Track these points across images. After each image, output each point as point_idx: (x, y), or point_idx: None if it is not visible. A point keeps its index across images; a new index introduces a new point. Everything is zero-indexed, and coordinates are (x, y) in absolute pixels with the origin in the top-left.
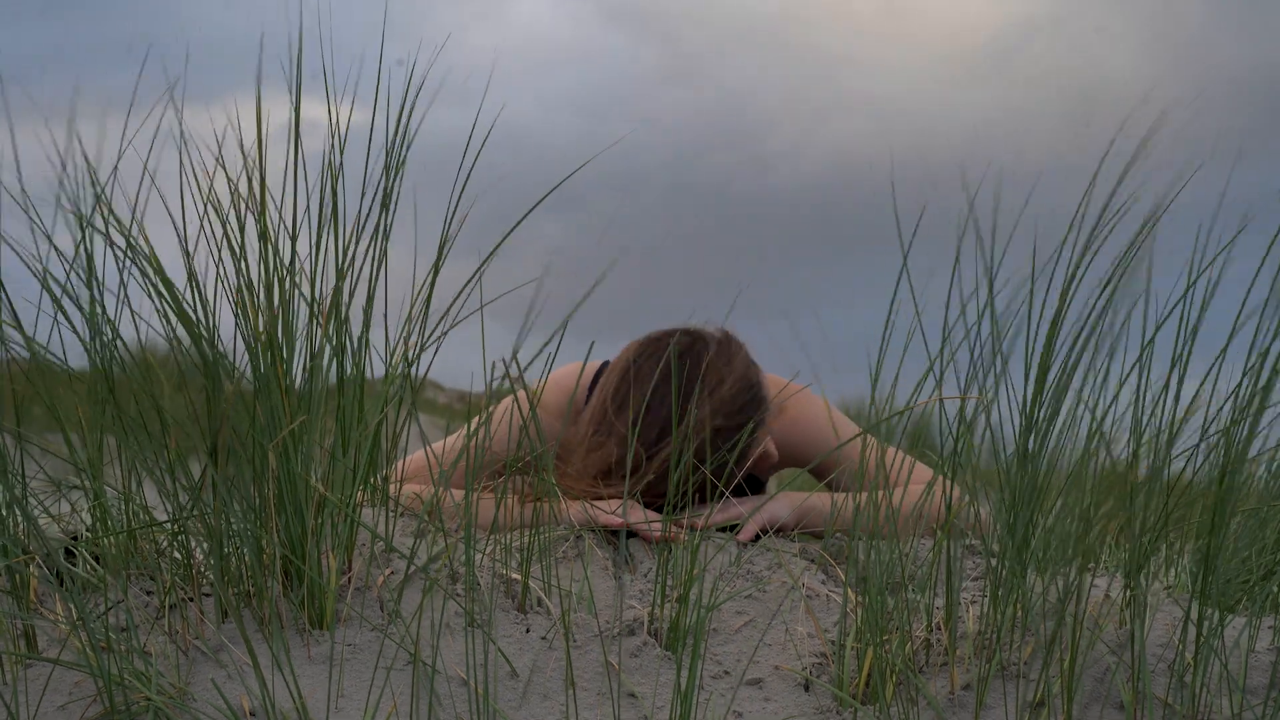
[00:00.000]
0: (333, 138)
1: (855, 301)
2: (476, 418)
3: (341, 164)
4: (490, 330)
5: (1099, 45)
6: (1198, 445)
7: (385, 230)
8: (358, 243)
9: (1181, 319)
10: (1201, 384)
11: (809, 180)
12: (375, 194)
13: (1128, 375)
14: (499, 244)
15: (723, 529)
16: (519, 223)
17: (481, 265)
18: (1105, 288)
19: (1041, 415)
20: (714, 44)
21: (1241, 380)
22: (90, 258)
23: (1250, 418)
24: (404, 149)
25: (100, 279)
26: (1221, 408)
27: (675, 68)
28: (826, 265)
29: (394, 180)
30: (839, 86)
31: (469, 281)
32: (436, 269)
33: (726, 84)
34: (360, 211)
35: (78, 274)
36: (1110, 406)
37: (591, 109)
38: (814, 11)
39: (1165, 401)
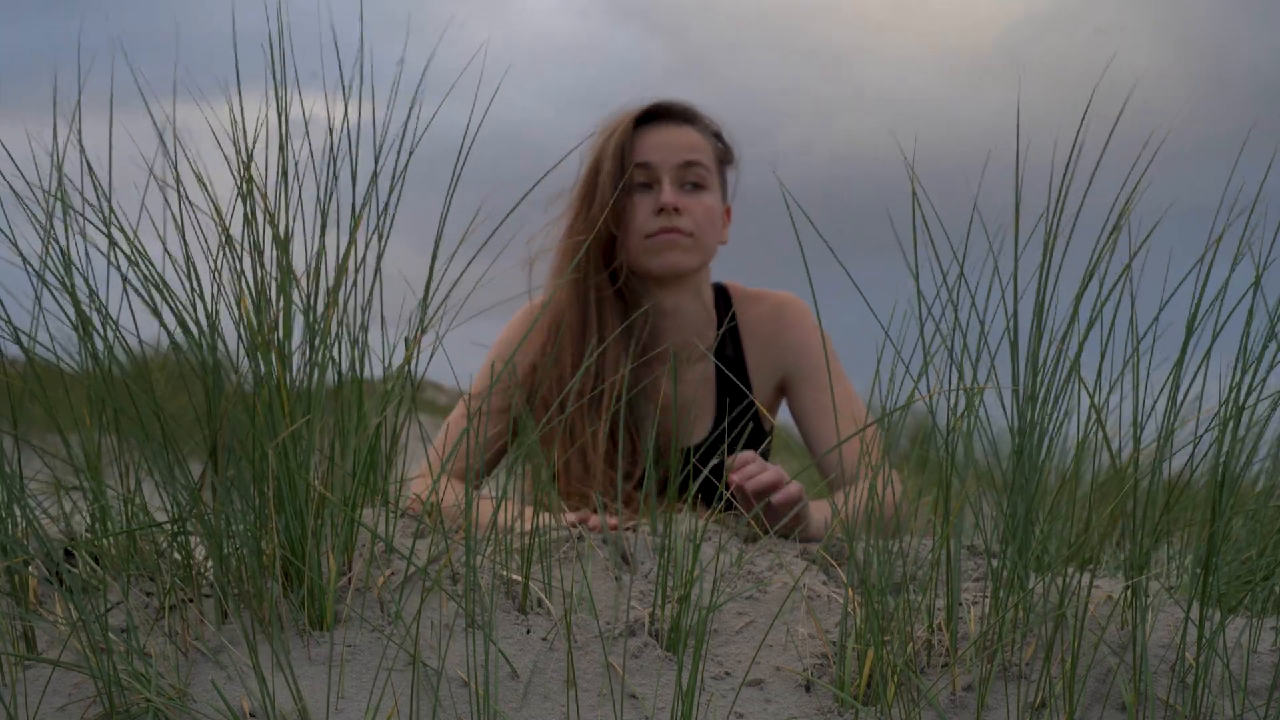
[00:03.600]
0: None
1: (868, 299)
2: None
3: (335, 162)
4: (495, 328)
5: (1114, 41)
6: (1195, 441)
7: (382, 229)
8: (358, 243)
9: (1194, 317)
10: (1194, 380)
11: (819, 177)
12: (370, 192)
13: (1123, 371)
14: (486, 240)
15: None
16: (506, 217)
17: (468, 264)
18: (1087, 279)
19: (1037, 413)
20: (722, 38)
21: (1238, 376)
22: (66, 254)
23: (1246, 414)
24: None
25: (89, 279)
26: (1222, 406)
27: (683, 63)
28: (836, 262)
29: (389, 177)
30: (849, 82)
31: (456, 280)
32: (431, 268)
33: (735, 79)
34: (357, 210)
35: (61, 271)
36: (1104, 402)
37: (599, 105)
38: (824, 6)
39: (1163, 398)
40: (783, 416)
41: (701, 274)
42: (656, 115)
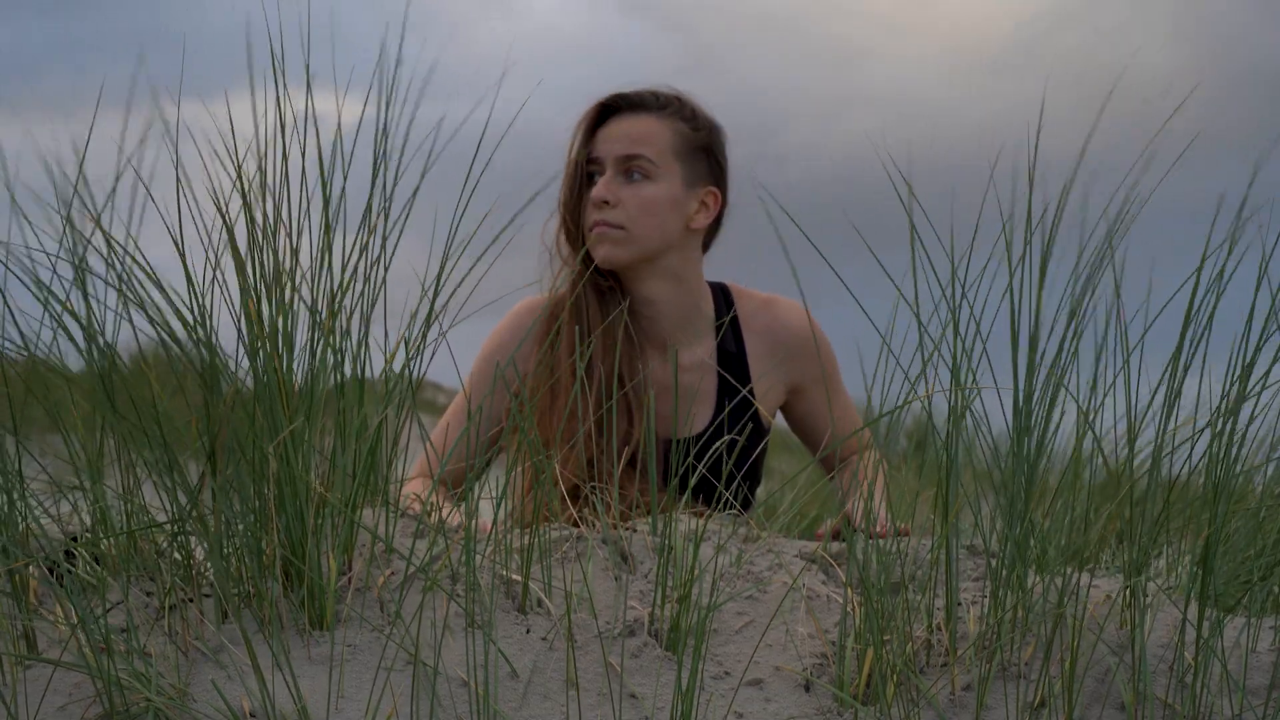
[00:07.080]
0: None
1: (871, 298)
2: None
3: (344, 159)
4: (494, 326)
5: (1122, 40)
6: (1192, 441)
7: (384, 229)
8: (362, 242)
9: (1189, 316)
10: (1183, 378)
11: (826, 175)
12: (374, 191)
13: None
14: (492, 241)
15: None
16: (514, 218)
17: (473, 265)
18: (1089, 280)
19: (1035, 414)
20: (731, 35)
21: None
22: (79, 257)
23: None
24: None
25: (86, 282)
26: (1219, 408)
27: (692, 60)
28: (844, 260)
29: (393, 178)
30: (858, 79)
31: (460, 283)
32: (440, 271)
33: (743, 76)
34: (364, 209)
35: (61, 274)
36: (1102, 403)
37: None
38: (833, 3)
39: (1161, 399)
40: (776, 419)
41: (678, 262)
42: (613, 109)
